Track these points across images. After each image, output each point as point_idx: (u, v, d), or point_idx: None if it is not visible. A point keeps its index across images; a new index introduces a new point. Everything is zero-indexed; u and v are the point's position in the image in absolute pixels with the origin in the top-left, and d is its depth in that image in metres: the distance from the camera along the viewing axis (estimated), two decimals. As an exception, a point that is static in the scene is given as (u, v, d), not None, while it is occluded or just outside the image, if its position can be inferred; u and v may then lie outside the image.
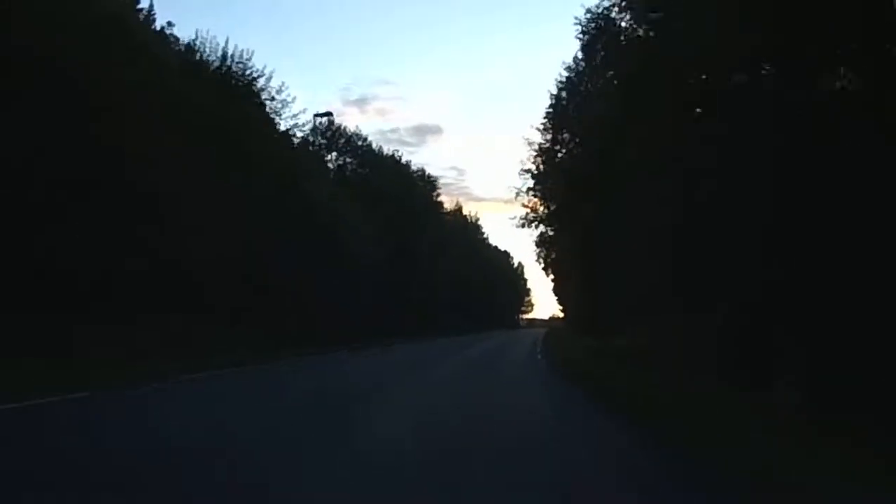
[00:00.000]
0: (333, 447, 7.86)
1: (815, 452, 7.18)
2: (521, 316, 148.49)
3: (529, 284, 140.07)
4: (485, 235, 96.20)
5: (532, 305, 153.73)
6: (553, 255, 68.93)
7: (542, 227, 44.10)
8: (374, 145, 53.63)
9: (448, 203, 74.51)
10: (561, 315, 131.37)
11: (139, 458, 6.89)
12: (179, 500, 5.51)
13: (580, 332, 45.79)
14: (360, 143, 53.75)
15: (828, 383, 10.20)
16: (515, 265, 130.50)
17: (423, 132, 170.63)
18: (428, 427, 9.58)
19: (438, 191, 60.19)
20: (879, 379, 9.59)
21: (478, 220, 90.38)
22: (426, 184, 57.13)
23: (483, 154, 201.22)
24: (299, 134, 34.14)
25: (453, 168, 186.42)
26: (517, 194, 40.65)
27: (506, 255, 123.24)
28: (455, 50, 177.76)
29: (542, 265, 78.45)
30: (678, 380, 14.06)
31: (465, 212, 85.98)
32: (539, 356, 26.55)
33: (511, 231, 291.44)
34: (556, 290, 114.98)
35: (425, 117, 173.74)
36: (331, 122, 54.72)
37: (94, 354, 16.57)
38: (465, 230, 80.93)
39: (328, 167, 51.31)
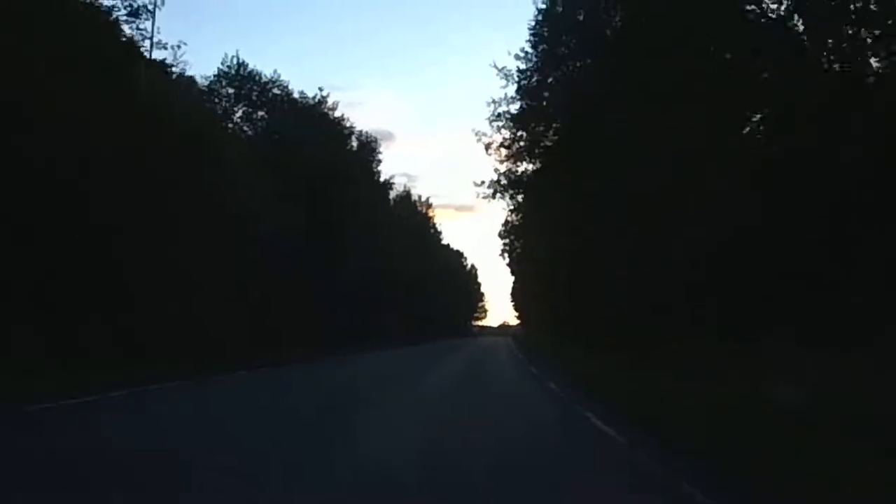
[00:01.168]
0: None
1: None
2: (473, 323, 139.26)
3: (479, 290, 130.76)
4: (438, 230, 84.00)
5: (486, 312, 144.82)
6: (520, 245, 57.71)
7: (515, 200, 32.62)
8: (295, 93, 40.92)
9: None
10: (515, 322, 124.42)
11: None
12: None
13: (571, 341, 34.16)
14: (278, 91, 41.31)
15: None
16: (468, 268, 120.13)
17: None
18: None
19: (379, 156, 47.13)
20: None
21: (430, 206, 77.63)
22: (362, 146, 44.44)
23: (435, 160, 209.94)
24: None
25: (405, 174, 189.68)
26: (487, 147, 29.26)
27: (459, 255, 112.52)
28: (408, 56, 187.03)
29: (507, 260, 67.60)
30: None
31: (414, 199, 73.47)
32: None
33: (464, 238, 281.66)
34: (514, 293, 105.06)
35: (377, 123, 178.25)
36: (241, 66, 42.32)
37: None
38: (414, 219, 68.76)
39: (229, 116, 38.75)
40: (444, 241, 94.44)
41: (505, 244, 58.72)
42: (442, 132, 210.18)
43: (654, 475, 6.85)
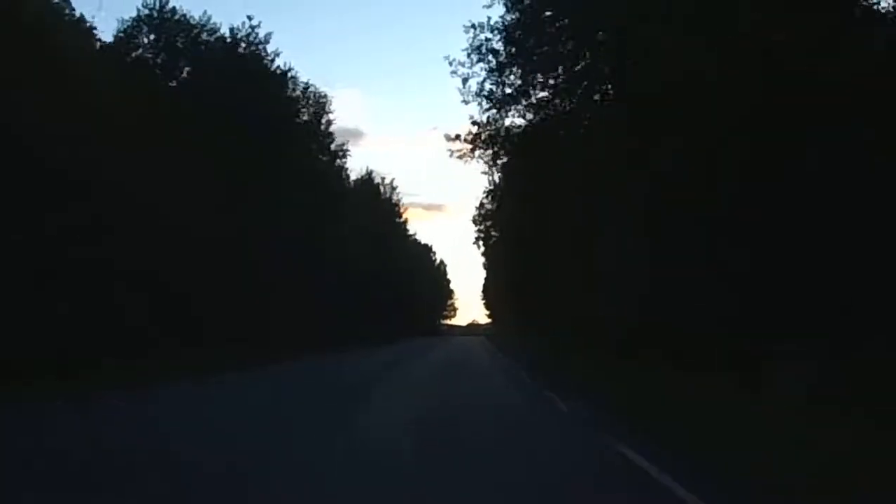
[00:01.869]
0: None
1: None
2: (442, 322, 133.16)
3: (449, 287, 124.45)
4: (403, 216, 76.61)
5: (455, 310, 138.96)
6: (497, 232, 50.72)
7: (499, 157, 25.25)
8: (227, 36, 33.59)
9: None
10: (485, 321, 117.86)
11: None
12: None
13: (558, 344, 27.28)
14: (210, 38, 34.01)
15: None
16: (437, 263, 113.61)
17: (344, 136, 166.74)
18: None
19: (329, 115, 39.29)
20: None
21: (395, 189, 69.89)
22: (309, 99, 36.66)
23: (404, 159, 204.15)
24: None
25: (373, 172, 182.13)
26: (465, 82, 21.86)
27: (427, 248, 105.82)
28: (377, 56, 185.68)
29: (482, 248, 60.57)
30: None
31: (377, 183, 66.09)
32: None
33: (433, 237, 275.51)
34: (486, 289, 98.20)
35: (346, 121, 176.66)
36: (162, 8, 34.74)
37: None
38: (377, 202, 61.47)
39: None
40: (413, 236, 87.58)
41: (479, 231, 52.15)
42: (410, 132, 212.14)
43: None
